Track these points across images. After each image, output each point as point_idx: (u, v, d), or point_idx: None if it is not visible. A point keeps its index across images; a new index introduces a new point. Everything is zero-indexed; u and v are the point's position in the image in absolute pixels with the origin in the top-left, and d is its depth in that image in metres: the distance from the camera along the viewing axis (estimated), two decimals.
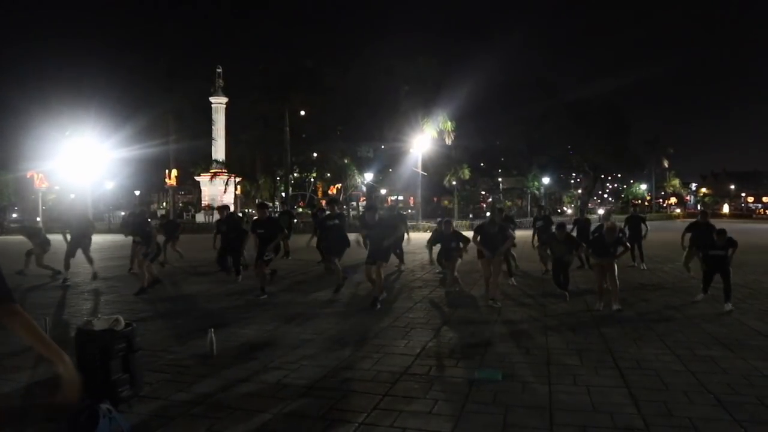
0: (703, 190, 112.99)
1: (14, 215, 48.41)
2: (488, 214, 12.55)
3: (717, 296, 9.40)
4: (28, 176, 40.87)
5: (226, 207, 13.29)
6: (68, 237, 11.71)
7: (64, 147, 41.68)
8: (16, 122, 42.37)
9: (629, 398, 4.50)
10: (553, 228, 10.50)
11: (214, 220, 12.75)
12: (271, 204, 59.65)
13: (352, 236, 10.04)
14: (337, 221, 10.42)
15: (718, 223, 9.78)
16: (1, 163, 43.01)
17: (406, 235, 12.64)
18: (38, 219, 38.91)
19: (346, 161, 48.27)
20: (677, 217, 73.17)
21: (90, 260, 12.09)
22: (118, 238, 32.00)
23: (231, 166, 45.54)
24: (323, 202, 14.53)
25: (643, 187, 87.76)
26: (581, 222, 13.63)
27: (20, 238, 13.97)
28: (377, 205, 11.43)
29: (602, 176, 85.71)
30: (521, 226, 19.23)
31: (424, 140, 41.87)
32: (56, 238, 12.37)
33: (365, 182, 50.41)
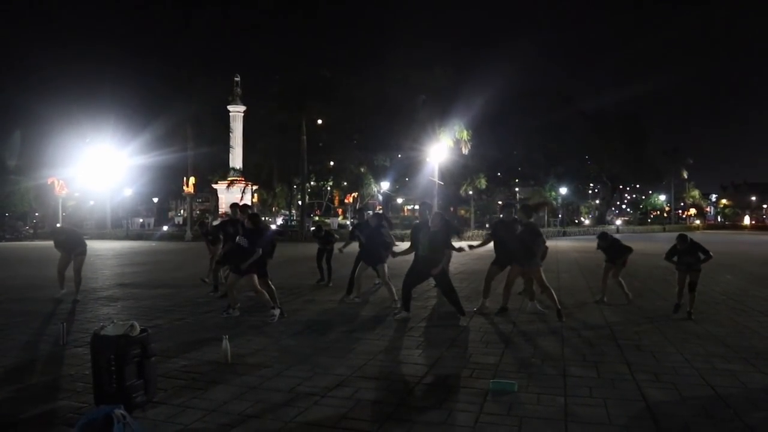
0: (723, 201, 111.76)
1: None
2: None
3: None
4: (48, 183, 41.44)
5: (246, 206, 11.58)
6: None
7: (84, 154, 42.28)
8: (37, 129, 43.03)
9: (647, 412, 4.43)
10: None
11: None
12: (287, 212, 59.94)
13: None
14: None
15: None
16: (21, 169, 43.67)
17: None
18: (58, 224, 39.51)
19: (362, 170, 48.38)
20: (697, 228, 72.45)
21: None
22: (136, 244, 32.39)
23: (248, 174, 45.83)
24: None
25: (662, 197, 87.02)
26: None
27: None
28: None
29: (620, 187, 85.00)
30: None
31: (440, 149, 41.82)
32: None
33: (381, 191, 50.50)
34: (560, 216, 66.29)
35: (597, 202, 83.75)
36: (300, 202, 46.13)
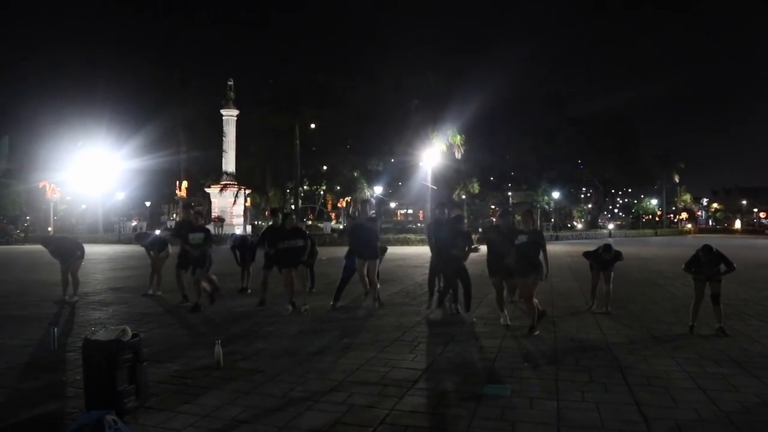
0: (715, 205, 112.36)
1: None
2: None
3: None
4: (40, 186, 41.31)
5: (189, 206, 11.64)
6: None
7: (76, 157, 42.14)
8: (29, 133, 42.96)
9: (639, 415, 4.44)
10: None
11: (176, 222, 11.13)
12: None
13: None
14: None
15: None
16: (13, 173, 43.50)
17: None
18: (49, 228, 39.35)
19: (355, 174, 48.46)
20: (689, 232, 72.79)
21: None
22: (128, 248, 32.20)
23: (241, 177, 45.78)
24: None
25: (654, 202, 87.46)
26: None
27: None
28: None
29: (612, 191, 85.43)
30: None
31: (433, 154, 41.91)
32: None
33: (375, 195, 50.57)
34: (552, 220, 66.45)
35: (589, 206, 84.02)
36: (293, 206, 46.09)
